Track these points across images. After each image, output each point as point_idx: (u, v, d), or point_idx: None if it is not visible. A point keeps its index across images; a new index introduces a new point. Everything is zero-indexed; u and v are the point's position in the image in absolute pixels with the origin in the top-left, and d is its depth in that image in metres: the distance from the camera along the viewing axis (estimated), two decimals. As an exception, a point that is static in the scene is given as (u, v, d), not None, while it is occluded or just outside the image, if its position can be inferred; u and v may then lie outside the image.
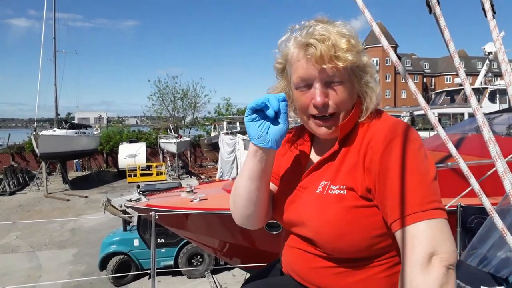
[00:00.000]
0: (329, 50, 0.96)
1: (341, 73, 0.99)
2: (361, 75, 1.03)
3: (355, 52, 0.99)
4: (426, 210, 0.88)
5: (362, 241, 0.97)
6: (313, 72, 1.00)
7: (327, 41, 0.97)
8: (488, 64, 17.31)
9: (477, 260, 1.50)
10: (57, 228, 13.04)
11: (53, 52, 26.42)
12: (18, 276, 8.99)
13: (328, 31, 0.99)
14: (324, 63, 0.97)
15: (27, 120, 55.31)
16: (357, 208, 0.97)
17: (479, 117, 0.80)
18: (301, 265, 1.10)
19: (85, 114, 49.70)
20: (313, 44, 0.97)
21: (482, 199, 0.83)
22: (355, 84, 1.03)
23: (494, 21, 0.82)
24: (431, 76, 72.99)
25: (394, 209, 0.91)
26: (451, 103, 16.39)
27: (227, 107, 36.87)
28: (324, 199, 1.02)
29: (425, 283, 0.82)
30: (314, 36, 0.99)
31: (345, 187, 0.99)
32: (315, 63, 0.98)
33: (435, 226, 0.87)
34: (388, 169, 0.93)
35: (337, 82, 1.00)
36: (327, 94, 1.01)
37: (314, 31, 1.00)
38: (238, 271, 8.01)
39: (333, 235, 0.98)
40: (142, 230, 8.36)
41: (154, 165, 25.56)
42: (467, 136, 4.28)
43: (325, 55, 0.97)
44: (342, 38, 0.98)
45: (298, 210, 1.09)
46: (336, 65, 0.97)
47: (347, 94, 1.01)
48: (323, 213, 1.00)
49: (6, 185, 20.79)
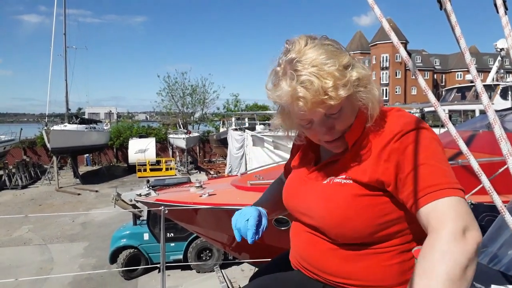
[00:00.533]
0: (318, 95, 0.93)
1: (338, 104, 0.97)
2: (356, 92, 1.01)
3: (342, 85, 0.95)
4: (454, 188, 0.90)
5: (366, 227, 1.00)
6: (310, 116, 1.00)
7: (311, 86, 0.93)
8: (500, 61, 17.03)
9: (488, 258, 1.49)
10: (68, 222, 13.21)
11: (64, 48, 26.55)
12: (30, 269, 9.14)
13: (310, 73, 0.93)
14: (317, 107, 0.96)
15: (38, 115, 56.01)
16: (362, 196, 1.00)
17: (490, 114, 0.80)
18: (309, 250, 1.14)
19: (95, 109, 49.97)
20: (301, 97, 0.94)
21: (493, 196, 0.83)
22: (353, 101, 1.02)
23: (506, 17, 0.82)
24: (442, 72, 72.13)
25: (419, 188, 0.92)
26: (462, 100, 16.20)
27: (235, 103, 36.90)
28: (329, 187, 1.06)
29: (457, 252, 0.80)
30: (298, 82, 0.94)
31: (351, 177, 1.02)
32: (307, 111, 0.97)
33: (464, 204, 0.88)
34: (406, 161, 0.95)
35: (336, 112, 0.99)
36: (330, 124, 1.02)
37: (295, 77, 0.94)
38: (247, 266, 8.03)
39: (337, 221, 1.01)
40: (152, 224, 8.42)
41: (163, 160, 25.68)
42: (478, 133, 4.23)
43: (315, 102, 0.94)
44: (326, 78, 0.93)
45: (304, 198, 1.14)
46: (330, 105, 0.95)
47: (349, 115, 1.02)
48: (328, 200, 1.04)
49: (18, 179, 21.07)
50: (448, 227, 0.83)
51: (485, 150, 3.59)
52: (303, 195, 1.15)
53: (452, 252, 0.80)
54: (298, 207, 1.16)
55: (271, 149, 13.26)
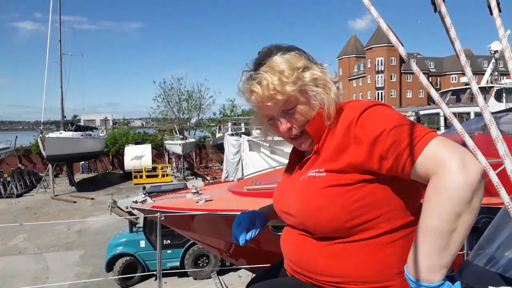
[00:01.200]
0: (268, 90, 1.09)
1: (288, 102, 1.11)
2: (311, 90, 1.12)
3: (293, 80, 1.08)
4: (429, 132, 0.96)
5: (340, 215, 1.03)
6: (266, 111, 1.15)
7: (263, 82, 1.09)
8: (494, 63, 17.19)
9: (485, 260, 1.48)
10: (64, 230, 13.11)
11: (59, 55, 26.59)
12: (25, 278, 9.04)
13: (263, 71, 1.10)
14: (268, 102, 1.10)
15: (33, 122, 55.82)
16: (334, 186, 1.04)
17: (486, 115, 0.79)
18: (296, 253, 1.17)
19: (91, 116, 49.90)
20: (253, 90, 1.11)
21: (501, 192, 0.81)
22: (310, 99, 1.12)
23: (500, 19, 0.82)
24: (437, 75, 72.57)
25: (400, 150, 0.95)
26: (457, 103, 16.30)
27: (232, 108, 36.90)
28: (304, 182, 1.12)
29: (461, 187, 0.84)
30: (250, 81, 1.12)
31: (324, 169, 1.08)
32: (262, 103, 1.12)
33: (449, 140, 0.92)
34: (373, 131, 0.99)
35: (291, 107, 1.12)
36: (289, 119, 1.14)
37: (252, 75, 1.13)
38: (244, 272, 8.01)
39: (310, 212, 1.07)
40: (148, 231, 8.37)
41: (159, 166, 25.63)
42: (473, 136, 4.25)
43: (265, 95, 1.09)
44: (275, 75, 1.08)
45: (286, 197, 1.20)
46: (278, 100, 1.09)
47: (305, 113, 1.13)
48: (302, 193, 1.10)
49: (13, 187, 20.94)
50: (447, 165, 0.86)
51: (481, 152, 3.60)
52: (285, 195, 1.21)
53: (456, 189, 0.83)
54: (282, 207, 1.23)
55: (268, 154, 13.26)
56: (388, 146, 0.96)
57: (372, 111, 1.03)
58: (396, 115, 1.02)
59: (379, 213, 1.03)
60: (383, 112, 1.03)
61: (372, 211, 1.03)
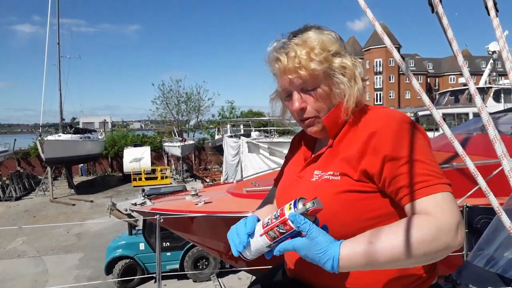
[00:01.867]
0: (293, 62, 1.05)
1: (310, 80, 1.07)
2: (336, 77, 1.08)
3: (321, 59, 1.05)
4: (444, 183, 0.94)
5: (354, 222, 1.01)
6: (286, 83, 1.10)
7: (292, 53, 1.06)
8: (492, 64, 17.24)
9: (484, 260, 1.48)
10: (63, 233, 13.09)
11: (57, 58, 26.49)
12: (25, 281, 9.03)
13: (295, 43, 1.07)
14: (290, 74, 1.07)
15: (32, 125, 55.76)
16: (349, 191, 1.02)
17: (484, 116, 0.80)
18: (300, 260, 1.10)
19: (89, 118, 49.82)
20: (280, 58, 1.08)
21: (489, 197, 0.82)
22: (333, 85, 1.08)
23: (497, 19, 0.82)
24: (435, 76, 72.70)
25: (410, 182, 0.94)
26: (455, 103, 16.34)
27: (231, 110, 36.92)
28: (317, 184, 1.08)
29: (455, 245, 0.88)
30: (283, 49, 1.08)
31: (338, 173, 1.04)
32: (284, 75, 1.08)
33: (454, 200, 0.93)
34: (392, 151, 0.97)
35: (311, 88, 1.08)
36: (305, 99, 1.09)
37: (284, 44, 1.09)
38: (244, 274, 8.00)
39: (324, 217, 1.01)
40: (148, 234, 8.36)
41: (158, 168, 25.60)
42: (472, 136, 4.25)
43: (290, 67, 1.06)
44: (304, 49, 1.05)
45: (293, 196, 1.11)
46: (301, 75, 1.05)
47: (324, 97, 1.08)
48: (316, 196, 1.03)
49: (12, 190, 20.90)
50: (447, 218, 0.88)
51: (479, 152, 3.61)
52: (294, 194, 1.14)
53: (440, 244, 0.86)
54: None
55: (267, 155, 13.26)
56: (396, 174, 0.95)
57: (402, 130, 0.99)
58: (423, 146, 0.98)
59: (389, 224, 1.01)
60: (411, 136, 0.99)
61: (383, 223, 1.00)
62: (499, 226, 1.48)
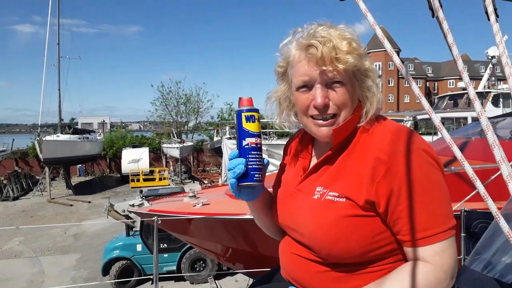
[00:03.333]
0: (330, 51, 0.96)
1: (342, 75, 0.98)
2: (362, 79, 1.02)
3: (356, 55, 0.98)
4: (448, 229, 0.94)
5: (357, 248, 0.97)
6: (314, 73, 0.99)
7: (328, 43, 0.97)
8: (491, 68, 17.27)
9: (482, 265, 1.48)
10: (60, 233, 13.05)
11: (57, 58, 26.57)
12: (21, 282, 9.00)
13: (329, 33, 0.98)
14: (324, 65, 0.97)
15: (31, 125, 55.53)
16: (353, 217, 0.97)
17: (483, 121, 0.79)
18: (297, 271, 1.10)
19: (88, 119, 49.76)
20: (315, 45, 0.97)
21: (488, 202, 0.82)
22: (356, 87, 1.02)
23: (497, 25, 0.82)
24: (434, 80, 72.92)
25: (413, 228, 0.94)
26: (454, 107, 16.36)
27: (229, 112, 36.93)
28: (320, 205, 1.01)
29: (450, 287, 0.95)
30: (315, 37, 0.99)
31: (344, 196, 0.98)
32: (316, 64, 0.98)
33: (455, 247, 0.95)
34: (399, 187, 0.93)
35: (338, 83, 0.99)
36: (327, 95, 1.00)
37: (315, 33, 1.00)
38: (241, 276, 7.98)
39: (327, 241, 0.98)
40: (145, 235, 8.35)
41: (157, 170, 25.57)
42: (470, 141, 4.26)
43: (326, 56, 0.96)
44: (343, 40, 0.97)
45: (294, 214, 1.10)
46: (337, 67, 0.97)
47: (348, 96, 1.01)
48: (319, 219, 1.00)
49: (9, 190, 20.86)
50: (445, 270, 0.93)
51: (478, 157, 3.61)
52: (292, 209, 1.11)
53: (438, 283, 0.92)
54: (287, 221, 1.13)
55: (265, 157, 13.23)
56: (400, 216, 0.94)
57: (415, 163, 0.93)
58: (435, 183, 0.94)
59: (394, 247, 0.99)
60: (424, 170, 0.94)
61: (388, 246, 0.99)
62: (497, 231, 1.48)
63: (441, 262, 0.93)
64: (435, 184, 0.94)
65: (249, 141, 1.03)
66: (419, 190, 0.92)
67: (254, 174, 1.03)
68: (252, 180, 1.03)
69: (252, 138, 1.03)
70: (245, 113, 1.04)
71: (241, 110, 1.05)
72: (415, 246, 0.93)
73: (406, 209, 0.92)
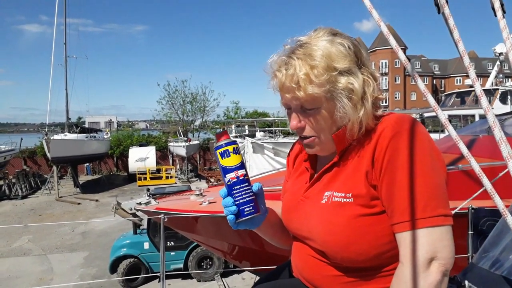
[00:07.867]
0: (290, 80, 0.96)
1: (309, 102, 0.97)
2: (338, 101, 0.97)
3: (318, 83, 0.93)
4: (429, 216, 0.88)
5: (371, 249, 0.96)
6: (286, 99, 1.01)
7: (290, 70, 0.96)
8: (498, 65, 17.09)
9: (489, 262, 1.47)
10: (68, 231, 13.16)
11: (64, 57, 26.70)
12: (30, 279, 9.08)
13: (294, 57, 0.96)
14: (287, 93, 0.98)
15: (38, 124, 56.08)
16: (364, 216, 0.95)
17: (490, 117, 0.79)
18: (311, 272, 1.09)
19: (95, 118, 50.11)
20: (276, 75, 0.99)
21: (495, 199, 0.82)
22: (334, 110, 0.98)
23: (504, 20, 0.82)
24: (441, 77, 72.36)
25: (398, 211, 0.91)
26: (461, 105, 16.24)
27: (236, 111, 36.97)
28: (329, 208, 1.00)
29: (422, 286, 0.85)
30: (279, 63, 0.99)
31: (350, 194, 0.97)
32: (280, 91, 1.01)
33: (436, 233, 0.88)
34: (394, 168, 0.92)
35: (310, 109, 0.99)
36: (304, 118, 1.01)
37: (282, 60, 0.99)
38: (248, 274, 7.99)
39: (340, 245, 0.97)
40: (152, 233, 8.39)
41: (163, 168, 25.67)
42: (478, 138, 4.22)
43: (286, 86, 0.97)
44: (304, 66, 0.94)
45: (304, 221, 1.08)
46: (298, 96, 0.96)
47: (323, 121, 0.99)
48: (329, 223, 0.99)
49: (18, 189, 21.03)
50: (416, 259, 0.86)
51: (485, 154, 3.58)
52: (302, 217, 1.10)
53: (416, 285, 0.85)
54: (298, 230, 1.12)
55: (271, 156, 13.27)
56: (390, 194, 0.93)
57: (416, 141, 0.92)
58: (427, 164, 0.91)
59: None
60: (423, 151, 0.92)
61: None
62: (504, 228, 1.47)
63: (406, 257, 0.88)
64: (432, 172, 0.91)
65: (230, 177, 1.00)
66: (416, 176, 0.90)
67: (244, 209, 1.00)
68: (244, 215, 1.00)
69: (231, 173, 1.00)
70: (218, 150, 1.02)
71: (216, 148, 1.03)
72: (397, 230, 0.91)
73: (397, 192, 0.91)
